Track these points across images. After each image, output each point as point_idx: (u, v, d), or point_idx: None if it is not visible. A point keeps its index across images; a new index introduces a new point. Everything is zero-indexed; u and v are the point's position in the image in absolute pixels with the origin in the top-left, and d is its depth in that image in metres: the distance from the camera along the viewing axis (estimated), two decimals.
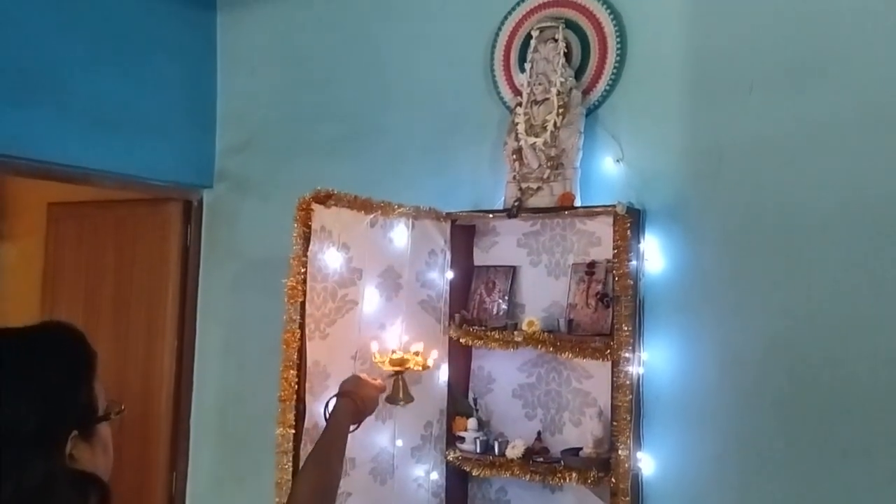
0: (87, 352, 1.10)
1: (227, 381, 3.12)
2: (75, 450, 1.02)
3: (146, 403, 3.22)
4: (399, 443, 2.21)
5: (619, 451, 2.00)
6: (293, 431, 1.95)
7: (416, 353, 1.94)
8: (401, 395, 1.88)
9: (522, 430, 2.35)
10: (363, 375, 1.82)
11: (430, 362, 1.97)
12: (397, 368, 1.88)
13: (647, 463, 2.11)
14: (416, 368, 1.93)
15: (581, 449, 2.19)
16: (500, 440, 2.30)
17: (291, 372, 1.96)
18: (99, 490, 1.04)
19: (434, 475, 2.32)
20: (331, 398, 1.77)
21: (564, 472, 2.12)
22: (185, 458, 3.19)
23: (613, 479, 2.01)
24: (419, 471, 2.29)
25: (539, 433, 2.33)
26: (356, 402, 1.74)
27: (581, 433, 2.26)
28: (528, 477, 2.18)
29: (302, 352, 1.97)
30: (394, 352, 1.95)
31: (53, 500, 0.99)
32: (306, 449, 1.95)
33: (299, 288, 1.96)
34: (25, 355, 1.04)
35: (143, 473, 3.18)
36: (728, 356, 2.06)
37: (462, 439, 2.36)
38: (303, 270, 1.97)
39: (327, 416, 1.76)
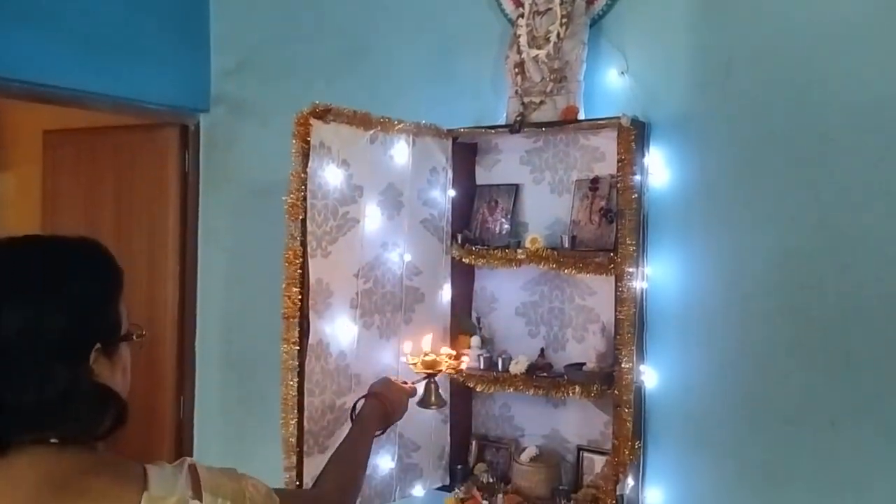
0: (116, 270, 1.11)
1: (230, 306, 3.13)
2: (96, 364, 1.04)
3: (151, 330, 3.23)
4: (403, 359, 2.22)
5: (622, 364, 2.01)
6: (297, 348, 1.95)
7: (449, 356, 1.90)
8: (433, 399, 1.87)
9: (526, 348, 2.36)
10: (394, 378, 1.81)
11: (463, 366, 1.96)
12: (429, 371, 1.86)
13: (649, 376, 2.12)
14: (448, 371, 1.89)
15: (584, 364, 2.20)
16: (503, 357, 2.32)
17: (294, 289, 1.95)
18: (117, 405, 1.05)
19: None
20: (359, 398, 1.77)
21: (568, 386, 2.14)
22: (191, 383, 3.23)
23: (616, 392, 2.02)
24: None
25: (542, 350, 2.34)
26: (385, 406, 1.73)
27: (584, 349, 2.27)
28: (531, 391, 2.20)
29: (304, 269, 1.95)
30: (426, 354, 1.91)
31: (74, 408, 1.00)
32: (311, 366, 1.97)
33: (299, 205, 1.94)
34: (58, 264, 1.05)
35: (151, 399, 3.22)
36: (733, 268, 2.05)
37: (464, 355, 2.37)
38: (302, 187, 1.94)
39: (353, 416, 1.77)
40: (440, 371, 1.86)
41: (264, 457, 2.90)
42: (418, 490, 2.30)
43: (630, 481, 2.05)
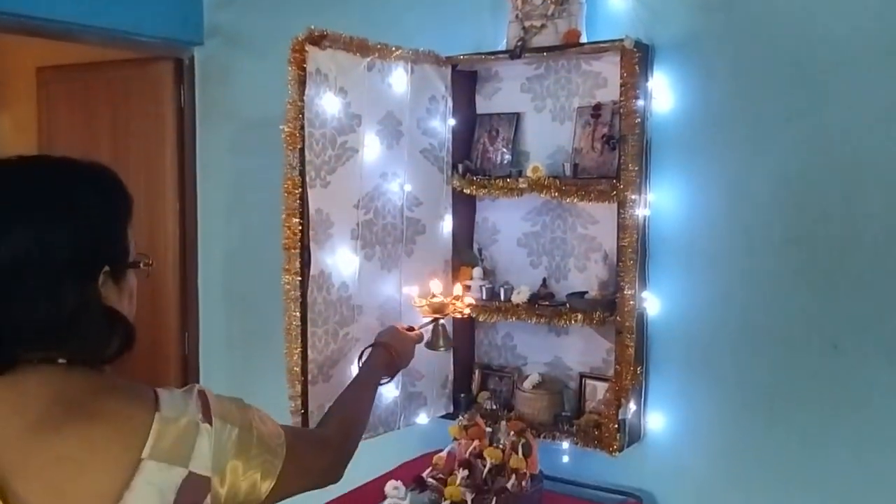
0: (126, 195, 1.11)
1: (231, 240, 3.13)
2: (104, 287, 1.04)
3: (153, 267, 3.24)
4: (405, 290, 2.22)
5: (625, 291, 2.01)
6: (299, 279, 1.95)
7: (456, 298, 1.88)
8: (441, 341, 1.86)
9: (528, 278, 2.36)
10: (400, 326, 1.79)
11: (467, 310, 1.93)
12: (437, 315, 1.84)
13: (652, 303, 2.13)
14: (455, 315, 1.87)
15: (586, 293, 2.20)
16: (505, 287, 2.32)
17: (294, 220, 1.94)
18: (124, 328, 1.06)
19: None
20: (366, 347, 1.76)
21: (570, 314, 2.14)
22: (195, 319, 3.24)
23: (618, 318, 2.02)
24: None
25: (544, 280, 2.34)
26: (392, 355, 1.72)
27: (586, 278, 2.27)
28: (533, 320, 2.21)
29: (303, 199, 1.94)
30: (433, 296, 1.89)
31: (83, 328, 1.01)
32: (313, 297, 1.97)
33: (297, 134, 1.91)
34: (69, 184, 1.04)
35: (156, 335, 3.25)
36: (737, 195, 2.03)
37: (467, 287, 2.37)
38: (300, 116, 1.91)
39: (360, 364, 1.76)
40: (447, 314, 1.86)
41: (270, 389, 2.93)
42: (422, 418, 2.33)
43: (632, 406, 2.08)
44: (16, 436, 0.96)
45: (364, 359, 1.73)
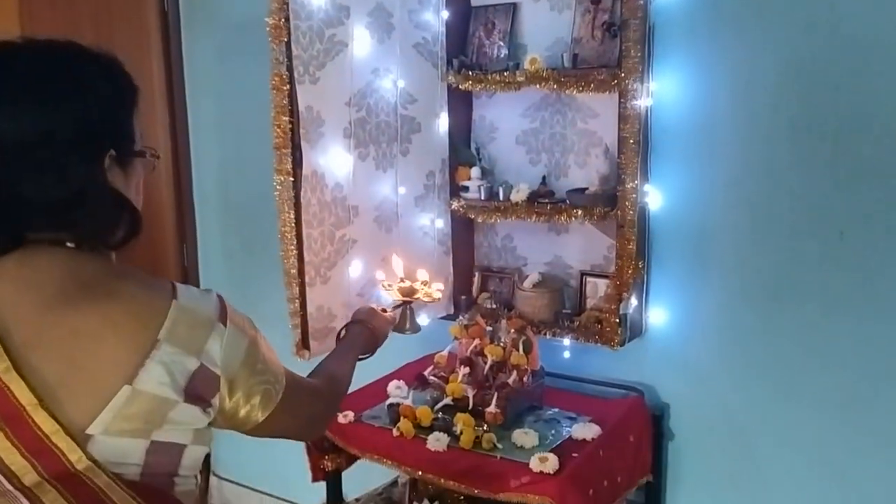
0: (134, 85, 1.10)
1: (225, 150, 3.06)
2: (111, 172, 1.04)
3: (145, 180, 3.18)
4: (402, 190, 2.18)
5: (626, 184, 1.96)
6: (292, 179, 1.90)
7: (424, 283, 1.85)
8: (408, 324, 1.85)
9: (527, 176, 2.31)
10: (375, 306, 1.77)
11: (436, 294, 1.88)
12: (406, 299, 1.83)
13: (654, 197, 2.08)
14: (424, 299, 1.84)
15: (586, 189, 2.16)
16: (504, 186, 2.27)
17: (283, 118, 1.88)
18: (131, 213, 1.06)
19: (439, 223, 2.31)
20: (344, 325, 1.72)
21: (570, 210, 2.10)
22: (192, 232, 3.21)
23: (619, 212, 1.98)
24: (424, 219, 2.28)
25: (544, 178, 2.29)
26: (371, 331, 1.68)
27: (587, 174, 2.22)
28: (533, 219, 2.17)
29: (292, 97, 1.87)
30: (402, 280, 1.86)
31: (91, 207, 1.00)
32: (306, 197, 1.92)
33: (282, 26, 1.83)
34: (76, 64, 1.03)
35: (153, 250, 3.22)
36: (742, 80, 1.95)
37: (465, 188, 2.33)
38: (284, 6, 1.82)
39: (339, 342, 1.70)
40: (416, 299, 1.83)
41: (271, 299, 2.93)
42: (423, 319, 2.30)
43: (633, 301, 2.06)
44: (30, 310, 0.96)
45: (343, 336, 1.69)
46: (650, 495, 2.19)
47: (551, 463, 1.76)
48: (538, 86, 2.10)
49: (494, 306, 2.32)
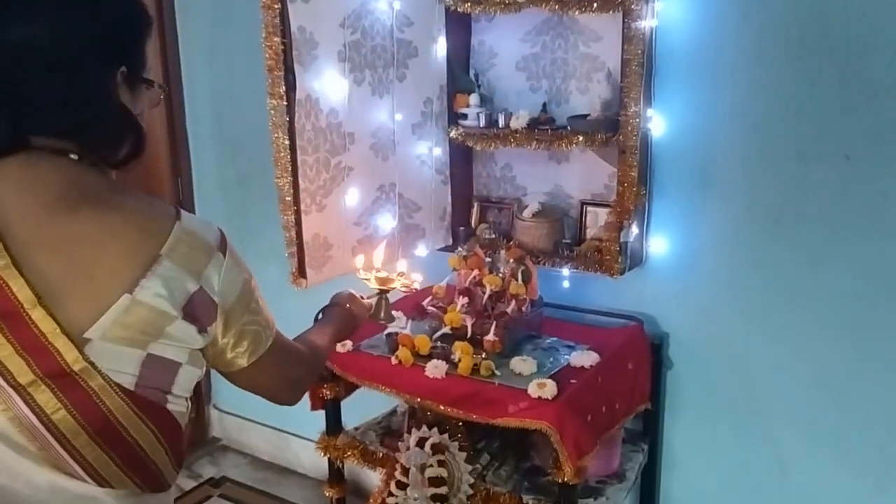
0: (148, 13, 1.09)
1: (217, 81, 2.99)
2: (121, 89, 1.03)
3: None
4: (398, 117, 2.12)
5: (629, 109, 1.91)
6: (285, 103, 1.84)
7: (401, 274, 1.79)
8: (382, 313, 1.78)
9: (527, 103, 2.25)
10: (355, 293, 1.70)
11: (416, 286, 1.81)
12: (382, 288, 1.77)
13: (657, 122, 2.03)
14: (401, 289, 1.79)
15: (588, 115, 2.10)
16: (503, 113, 2.21)
17: (275, 39, 1.81)
18: (137, 131, 1.05)
19: (437, 151, 2.26)
20: (322, 308, 1.64)
21: (571, 136, 2.05)
22: (187, 164, 3.17)
23: (621, 138, 1.93)
24: (422, 148, 2.23)
25: (544, 104, 2.23)
26: (352, 315, 1.61)
27: (588, 100, 2.16)
28: (533, 146, 2.12)
29: (284, 16, 1.80)
30: (378, 270, 1.80)
31: (97, 116, 1.00)
32: (301, 123, 1.87)
33: None
34: None
35: (148, 183, 3.17)
36: None
37: (464, 116, 2.27)
38: None
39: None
40: (393, 289, 1.77)
41: (268, 232, 2.90)
42: (421, 250, 2.29)
43: (634, 229, 2.03)
44: (32, 212, 0.95)
45: (322, 317, 1.62)
46: (648, 423, 2.20)
47: (549, 389, 1.75)
48: (539, 7, 2.03)
49: (493, 236, 2.29)
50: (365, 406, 2.33)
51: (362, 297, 1.72)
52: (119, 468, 0.99)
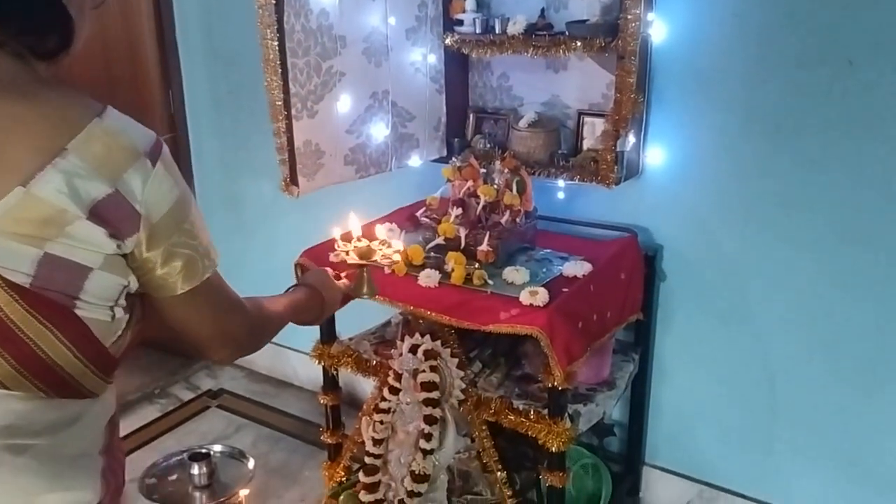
0: None
1: None
2: None
3: (126, 27, 3.04)
4: (392, 21, 2.06)
5: (629, 12, 1.85)
6: (274, 2, 1.79)
7: (383, 243, 1.63)
8: (365, 289, 1.64)
9: (524, 8, 2.17)
10: (330, 272, 1.55)
11: (395, 256, 1.65)
12: (362, 262, 1.61)
13: (658, 28, 1.97)
14: (382, 262, 1.63)
15: (587, 20, 2.04)
16: (500, 19, 2.14)
17: None
18: (65, 23, 0.98)
19: (432, 59, 2.21)
20: (292, 285, 1.50)
21: (569, 42, 1.99)
22: (177, 78, 3.09)
23: (620, 43, 1.88)
24: (416, 55, 2.17)
25: (542, 10, 2.15)
26: (321, 300, 1.46)
27: (588, 4, 2.08)
28: (530, 52, 2.06)
29: None
30: (359, 238, 1.63)
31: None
32: (290, 23, 1.81)
33: None
34: None
35: (138, 97, 3.12)
36: None
37: (460, 22, 2.21)
38: None
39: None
40: (374, 262, 1.62)
41: (260, 149, 2.89)
42: (415, 160, 2.27)
43: (631, 139, 1.99)
44: None
45: (293, 292, 1.47)
46: (640, 334, 2.22)
47: (541, 296, 1.76)
48: None
49: (488, 147, 2.26)
50: (359, 318, 2.34)
51: (338, 277, 1.59)
52: (13, 368, 0.93)
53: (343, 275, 1.62)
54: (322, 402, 2.29)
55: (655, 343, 2.24)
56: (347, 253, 1.66)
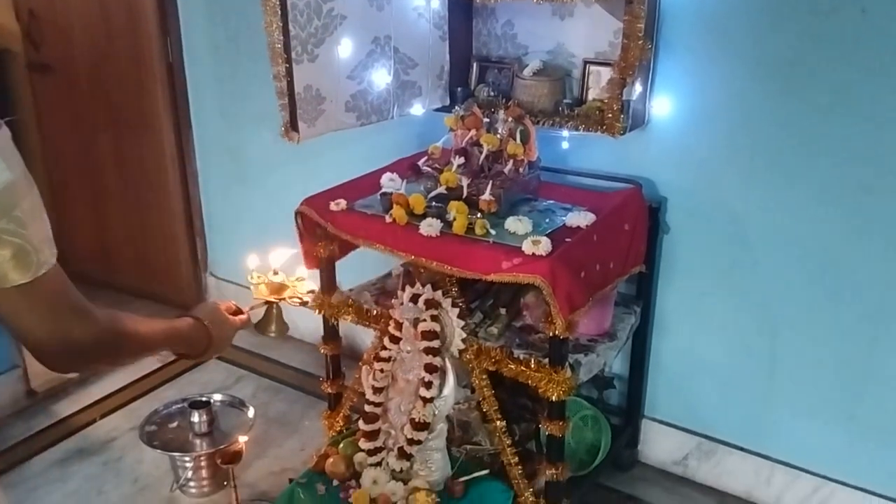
0: None
1: None
2: None
3: None
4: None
5: None
6: None
7: (300, 279, 1.54)
8: (272, 327, 1.55)
9: None
10: (223, 307, 1.41)
11: (306, 297, 1.56)
12: (270, 299, 1.53)
13: None
14: (292, 302, 1.53)
15: None
16: None
17: None
18: None
19: (435, 3, 2.16)
20: (179, 315, 1.33)
21: None
22: (175, 25, 3.04)
23: None
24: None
25: None
26: (208, 337, 1.32)
27: None
28: None
29: None
30: (275, 272, 1.54)
31: None
32: None
33: None
34: None
35: (136, 44, 3.07)
36: None
37: None
38: None
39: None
40: (283, 299, 1.54)
41: (260, 98, 2.84)
42: (417, 109, 2.23)
43: (637, 87, 1.96)
44: None
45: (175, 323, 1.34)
46: (641, 287, 2.21)
47: (544, 245, 1.74)
48: None
49: (492, 95, 2.22)
50: (360, 271, 2.33)
51: (238, 311, 1.46)
52: None
53: (247, 308, 1.50)
54: (322, 351, 2.28)
55: (657, 296, 2.23)
56: (258, 287, 1.57)
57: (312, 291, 1.60)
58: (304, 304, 1.60)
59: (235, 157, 3.07)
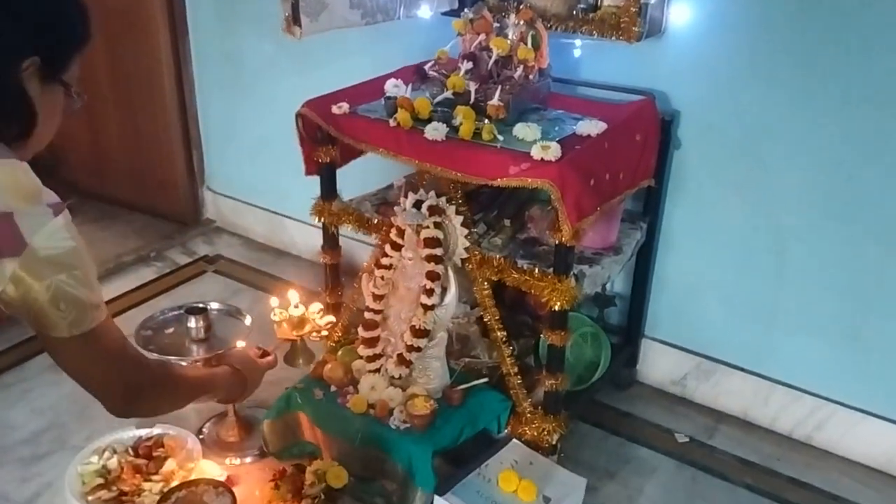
0: (89, 29, 1.18)
1: None
2: (28, 77, 1.07)
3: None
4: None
5: None
6: None
7: (320, 312, 1.73)
8: (300, 359, 1.81)
9: None
10: (252, 352, 1.69)
11: (326, 331, 1.80)
12: (292, 338, 1.75)
13: None
14: (312, 335, 1.74)
15: None
16: None
17: None
18: (28, 117, 1.08)
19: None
20: (214, 363, 1.63)
21: None
22: None
23: None
24: None
25: None
26: (243, 381, 1.60)
27: None
28: None
29: None
30: (296, 305, 1.73)
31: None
32: None
33: None
34: None
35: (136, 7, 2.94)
36: None
37: None
38: None
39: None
40: (304, 335, 1.74)
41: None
42: (425, 11, 2.14)
43: None
44: None
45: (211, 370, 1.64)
46: (649, 203, 2.16)
47: (553, 150, 1.68)
48: None
49: None
50: (361, 181, 2.27)
51: (265, 353, 1.71)
52: None
53: (271, 349, 1.74)
54: (322, 260, 2.24)
55: (664, 213, 2.18)
56: (280, 325, 1.78)
57: (331, 323, 1.83)
58: (322, 338, 1.85)
59: (233, 63, 2.96)
